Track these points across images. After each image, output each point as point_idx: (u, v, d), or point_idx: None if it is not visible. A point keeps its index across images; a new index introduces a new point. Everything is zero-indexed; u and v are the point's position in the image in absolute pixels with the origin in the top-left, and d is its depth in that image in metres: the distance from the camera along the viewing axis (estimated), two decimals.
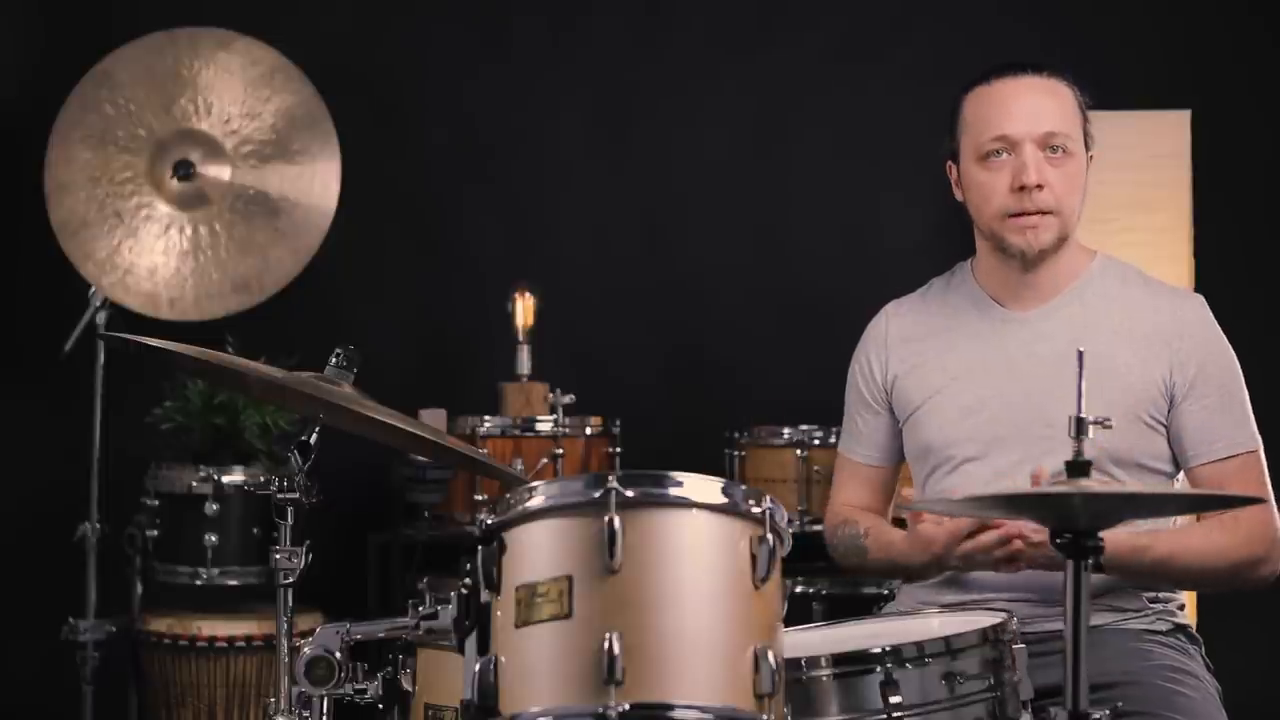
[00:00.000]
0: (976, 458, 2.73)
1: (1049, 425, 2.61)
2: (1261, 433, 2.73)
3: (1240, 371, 2.74)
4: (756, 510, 2.06)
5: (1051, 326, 2.74)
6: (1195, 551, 2.63)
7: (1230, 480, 2.67)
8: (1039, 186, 2.66)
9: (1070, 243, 2.76)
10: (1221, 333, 2.74)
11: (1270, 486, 2.69)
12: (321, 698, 2.35)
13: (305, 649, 2.33)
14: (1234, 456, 2.68)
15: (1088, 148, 2.75)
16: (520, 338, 4.42)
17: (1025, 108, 2.69)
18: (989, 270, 2.81)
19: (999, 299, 2.80)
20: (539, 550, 2.06)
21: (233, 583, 4.13)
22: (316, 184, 4.32)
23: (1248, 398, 2.73)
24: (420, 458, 4.03)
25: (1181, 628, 2.73)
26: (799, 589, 4.08)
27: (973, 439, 2.73)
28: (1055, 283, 2.76)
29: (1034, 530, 2.53)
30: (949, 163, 2.81)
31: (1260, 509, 2.64)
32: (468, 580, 2.13)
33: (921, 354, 2.84)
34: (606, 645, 1.95)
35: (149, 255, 4.26)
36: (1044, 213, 2.68)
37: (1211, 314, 2.75)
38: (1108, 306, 2.74)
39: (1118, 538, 2.51)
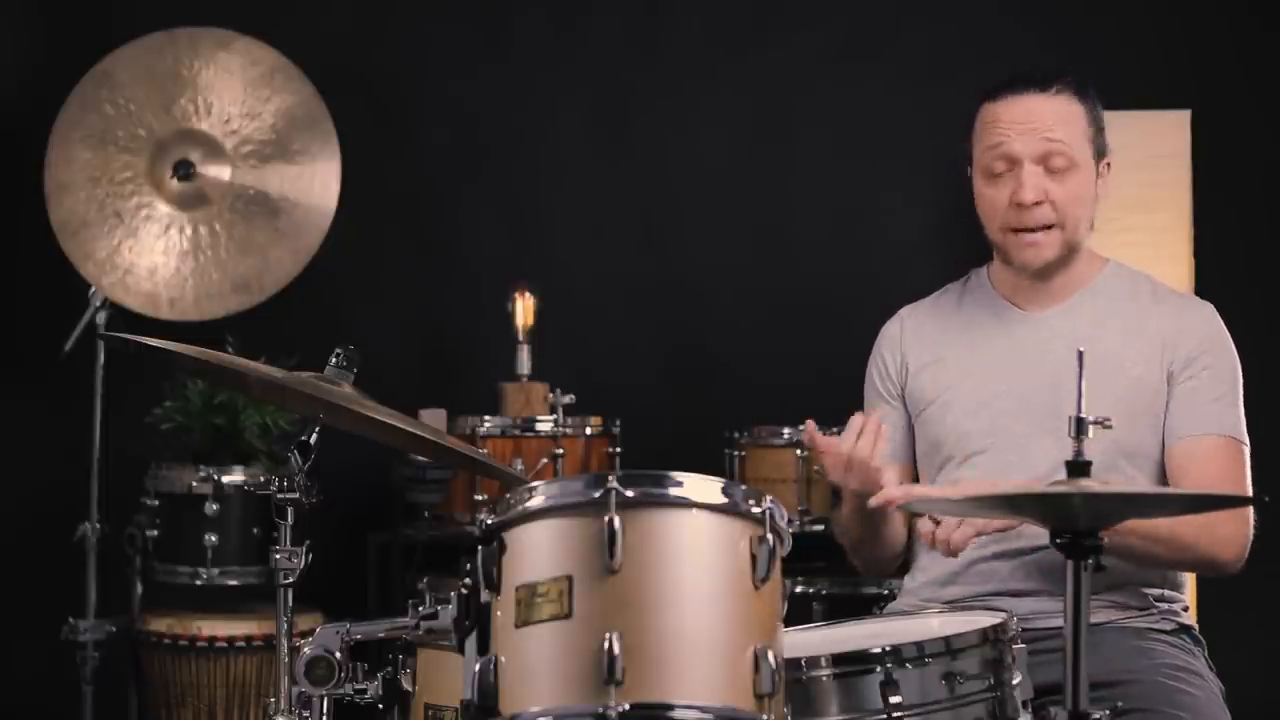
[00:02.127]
0: (986, 451, 2.75)
1: (1059, 420, 2.61)
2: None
3: (1239, 374, 2.75)
4: (756, 510, 2.07)
5: (1065, 325, 2.78)
6: (1149, 522, 2.61)
7: (1205, 457, 2.68)
8: (1037, 203, 2.70)
9: (1082, 250, 2.79)
10: (1228, 338, 2.77)
11: (1250, 484, 2.70)
12: (321, 698, 2.35)
13: (305, 649, 2.33)
14: (1211, 436, 2.69)
15: (1102, 156, 2.77)
16: (520, 338, 4.41)
17: (1026, 126, 2.72)
18: (1003, 276, 2.86)
19: (1013, 301, 2.84)
20: (539, 550, 2.06)
21: (233, 583, 4.13)
22: (316, 184, 4.32)
23: (1240, 400, 2.74)
24: (420, 458, 4.03)
25: (1185, 628, 2.74)
26: (799, 589, 4.07)
27: (984, 433, 2.76)
28: (1068, 287, 2.81)
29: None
30: (968, 166, 2.84)
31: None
32: (468, 580, 2.13)
33: (935, 352, 2.87)
34: (606, 645, 1.95)
35: (149, 255, 4.26)
36: (1046, 227, 2.72)
37: (1221, 322, 2.78)
38: (1118, 307, 2.78)
39: None
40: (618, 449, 4.24)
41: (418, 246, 4.85)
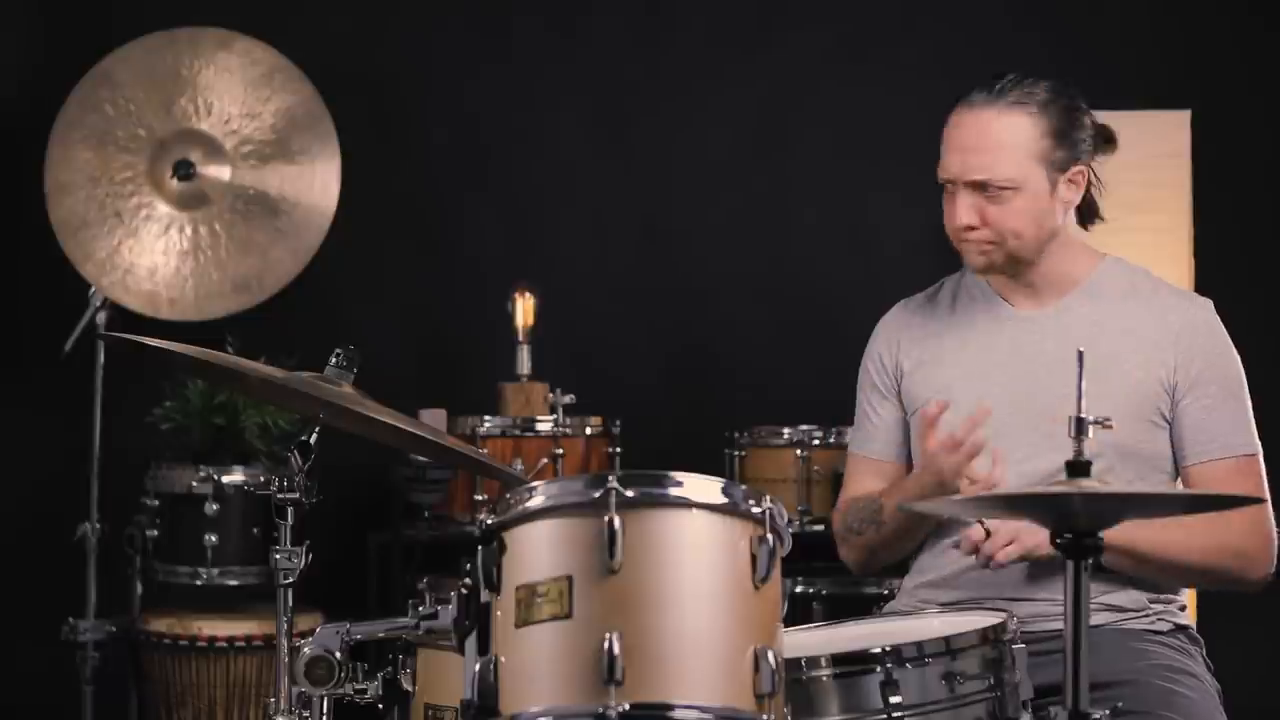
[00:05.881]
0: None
1: (1056, 422, 2.61)
2: (1262, 433, 2.73)
3: (1244, 378, 2.74)
4: (756, 510, 2.07)
5: (1061, 325, 2.76)
6: (1176, 545, 2.63)
7: (1223, 482, 2.67)
8: (970, 227, 2.71)
9: (1071, 246, 2.79)
10: (1228, 338, 2.75)
11: (1268, 490, 2.69)
12: (321, 698, 2.35)
13: (305, 649, 2.33)
14: (1227, 458, 2.68)
15: (1064, 167, 2.73)
16: (520, 338, 4.41)
17: (965, 151, 2.70)
18: None
19: (1007, 298, 2.82)
20: (539, 550, 2.06)
21: (233, 583, 4.13)
22: (316, 184, 4.32)
23: (1250, 404, 2.73)
24: (420, 458, 4.03)
25: (1182, 628, 2.73)
26: (799, 589, 4.08)
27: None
28: (1061, 284, 2.79)
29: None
30: None
31: (1255, 508, 2.64)
32: (468, 580, 2.13)
33: (931, 350, 2.85)
34: (606, 645, 1.96)
35: (149, 255, 4.26)
36: (986, 242, 2.72)
37: (1218, 319, 2.76)
38: (1116, 307, 2.76)
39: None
40: (618, 449, 4.24)
41: (418, 246, 4.85)
